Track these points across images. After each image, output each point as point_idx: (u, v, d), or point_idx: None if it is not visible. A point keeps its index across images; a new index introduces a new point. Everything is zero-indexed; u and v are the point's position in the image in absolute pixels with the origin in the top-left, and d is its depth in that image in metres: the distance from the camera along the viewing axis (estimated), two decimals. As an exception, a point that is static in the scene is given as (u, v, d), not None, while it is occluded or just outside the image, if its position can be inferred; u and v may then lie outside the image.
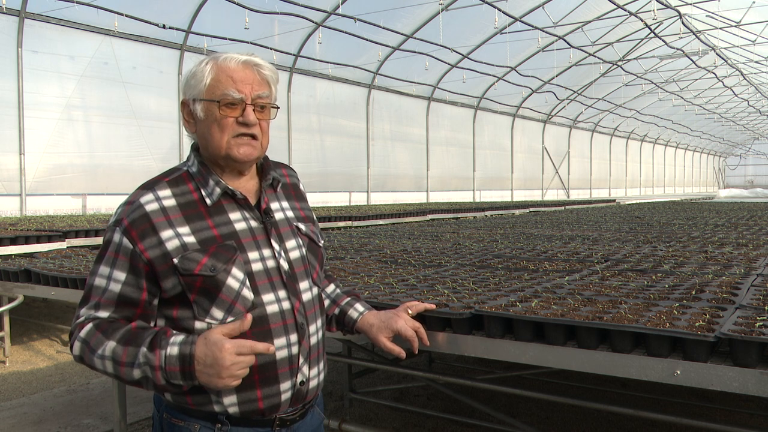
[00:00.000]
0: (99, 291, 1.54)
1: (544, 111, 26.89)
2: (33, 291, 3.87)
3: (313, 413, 1.73)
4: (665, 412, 2.73)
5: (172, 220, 1.53)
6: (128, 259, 1.51)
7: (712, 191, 49.36)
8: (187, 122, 1.64)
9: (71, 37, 11.74)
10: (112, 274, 1.53)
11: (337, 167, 17.79)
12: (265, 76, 1.61)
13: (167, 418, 1.61)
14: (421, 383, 4.16)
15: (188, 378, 1.44)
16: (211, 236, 1.54)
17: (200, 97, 1.58)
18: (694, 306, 2.24)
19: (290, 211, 1.72)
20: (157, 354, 1.44)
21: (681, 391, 4.19)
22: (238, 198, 1.60)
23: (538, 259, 3.81)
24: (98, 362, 1.49)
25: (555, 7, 16.95)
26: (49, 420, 4.32)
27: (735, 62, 24.50)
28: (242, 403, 1.55)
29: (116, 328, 1.50)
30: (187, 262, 1.50)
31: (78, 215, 10.64)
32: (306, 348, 1.62)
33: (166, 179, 1.60)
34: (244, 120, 1.56)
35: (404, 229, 7.10)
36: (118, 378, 1.49)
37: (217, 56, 1.60)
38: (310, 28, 14.83)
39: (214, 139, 1.57)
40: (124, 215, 1.54)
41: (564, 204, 18.18)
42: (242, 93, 1.56)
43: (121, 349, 1.46)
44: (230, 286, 1.51)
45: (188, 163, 1.65)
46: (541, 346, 2.07)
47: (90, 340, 1.49)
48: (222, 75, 1.56)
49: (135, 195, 1.56)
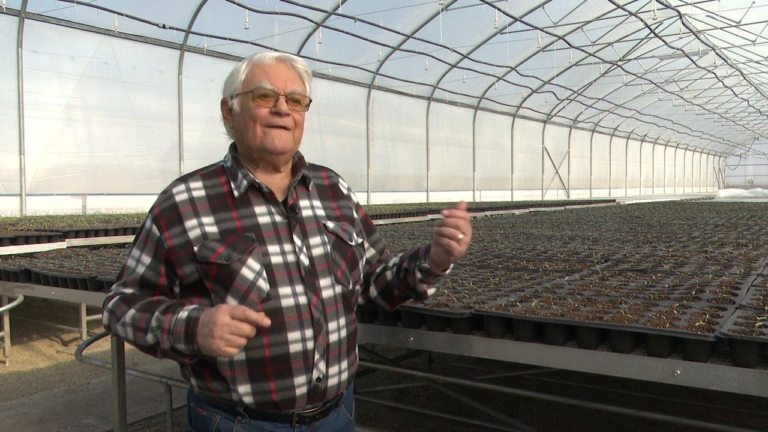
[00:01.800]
0: (129, 271, 1.66)
1: (544, 111, 26.88)
2: (33, 291, 3.87)
3: (338, 414, 1.72)
4: (665, 412, 2.73)
5: (198, 210, 1.61)
6: (154, 245, 1.62)
7: (712, 191, 49.36)
8: (226, 119, 1.72)
9: (71, 37, 11.74)
10: (140, 257, 1.64)
11: (337, 167, 17.36)
12: (298, 70, 1.69)
13: (194, 408, 1.68)
14: (421, 383, 4.16)
15: (190, 341, 1.48)
16: (233, 227, 1.60)
17: (236, 93, 1.65)
18: (694, 306, 2.24)
19: (321, 210, 1.74)
20: (168, 317, 1.52)
21: (681, 391, 4.18)
22: (265, 192, 1.65)
23: (538, 259, 3.81)
24: (121, 329, 1.60)
25: (555, 7, 16.94)
26: (49, 420, 4.32)
27: (735, 62, 24.50)
28: (256, 393, 1.57)
29: (138, 299, 1.62)
30: (205, 251, 1.56)
31: (78, 215, 10.63)
32: (323, 344, 1.62)
33: (201, 172, 1.69)
34: (276, 110, 1.62)
35: (404, 229, 7.10)
36: (136, 344, 1.59)
37: (252, 55, 1.69)
38: (310, 28, 14.83)
39: (248, 130, 1.64)
40: (157, 204, 1.65)
41: (564, 204, 18.17)
42: (275, 86, 1.63)
43: (139, 316, 1.57)
44: (244, 275, 1.55)
45: (224, 159, 1.73)
46: (541, 346, 2.07)
47: (116, 310, 1.62)
48: (256, 70, 1.64)
49: (171, 186, 1.66)
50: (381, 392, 4.55)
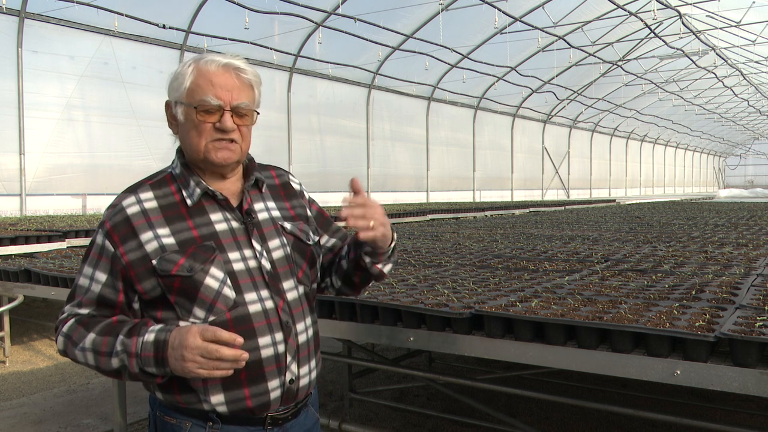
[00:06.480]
0: (82, 290, 1.58)
1: (544, 111, 26.88)
2: (33, 291, 3.87)
3: (307, 413, 1.73)
4: (665, 412, 2.73)
5: (152, 222, 1.55)
6: (109, 261, 1.55)
7: (712, 191, 49.34)
8: (171, 123, 1.66)
9: (71, 37, 11.74)
10: (94, 275, 1.57)
11: (337, 167, 17.79)
12: (246, 80, 1.59)
13: (160, 416, 1.62)
14: (421, 383, 4.16)
15: (161, 364, 1.44)
16: (191, 237, 1.55)
17: (181, 100, 1.59)
18: (694, 306, 2.24)
19: (276, 210, 1.71)
20: (134, 340, 1.46)
21: (681, 391, 4.18)
22: (219, 199, 1.61)
23: (538, 259, 3.81)
24: (80, 355, 1.52)
25: (555, 7, 16.95)
26: (49, 420, 4.32)
27: (735, 62, 24.50)
28: (230, 402, 1.55)
29: (97, 322, 1.54)
30: (165, 263, 1.51)
31: (78, 215, 10.63)
32: (293, 346, 1.62)
33: (149, 182, 1.63)
34: (221, 126, 1.56)
35: (404, 229, 7.10)
36: (99, 369, 1.51)
37: (199, 58, 1.59)
38: (310, 28, 14.83)
39: (192, 143, 1.58)
40: (107, 218, 1.58)
41: (564, 204, 18.17)
42: (221, 99, 1.55)
43: (100, 340, 1.49)
44: (208, 285, 1.52)
45: (172, 166, 1.67)
46: (541, 346, 2.07)
47: (72, 335, 1.53)
48: (201, 79, 1.56)
49: (118, 198, 1.60)
50: (381, 392, 4.55)
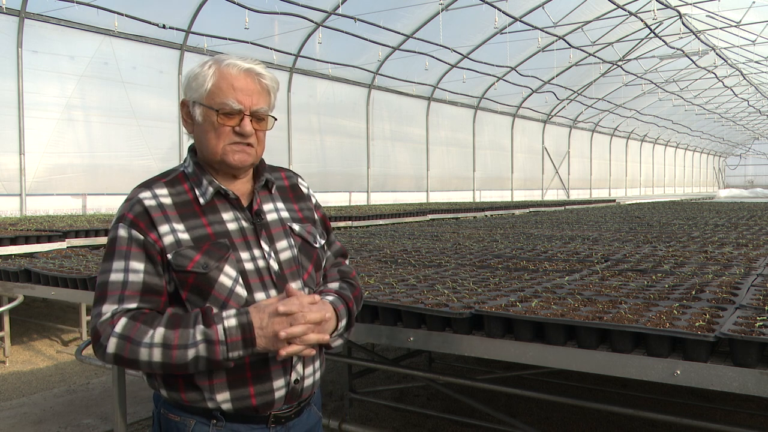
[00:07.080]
0: (118, 285, 1.52)
1: (544, 111, 26.88)
2: (33, 291, 3.87)
3: (310, 412, 1.74)
4: (665, 412, 2.74)
5: (168, 216, 1.56)
6: (142, 249, 1.53)
7: (712, 191, 49.33)
8: (186, 122, 1.67)
9: (71, 37, 11.73)
10: (128, 266, 1.52)
11: (337, 167, 17.78)
12: (266, 85, 1.63)
13: (164, 413, 1.64)
14: (421, 383, 4.16)
15: (249, 345, 1.47)
16: (205, 234, 1.57)
17: (200, 101, 1.59)
18: (694, 306, 2.24)
19: (285, 212, 1.73)
20: (215, 329, 1.45)
21: (681, 391, 4.18)
22: (231, 198, 1.63)
23: (538, 259, 3.81)
24: (144, 352, 1.45)
25: (555, 7, 16.94)
26: (49, 420, 4.32)
27: (735, 62, 24.49)
28: (235, 400, 1.56)
29: (155, 317, 1.50)
30: (181, 259, 1.52)
31: (78, 215, 10.63)
32: None
33: (162, 180, 1.63)
34: (240, 130, 1.58)
35: (404, 229, 7.10)
36: (166, 364, 1.46)
37: (221, 60, 1.60)
38: (310, 28, 14.82)
39: (210, 144, 1.60)
40: (126, 210, 1.57)
41: (564, 204, 18.17)
42: (242, 104, 1.57)
43: (171, 333, 1.46)
44: (222, 283, 1.54)
45: (184, 164, 1.69)
46: (541, 346, 2.07)
47: (130, 334, 1.46)
48: (223, 82, 1.57)
49: (133, 192, 1.59)
50: (381, 392, 4.55)
